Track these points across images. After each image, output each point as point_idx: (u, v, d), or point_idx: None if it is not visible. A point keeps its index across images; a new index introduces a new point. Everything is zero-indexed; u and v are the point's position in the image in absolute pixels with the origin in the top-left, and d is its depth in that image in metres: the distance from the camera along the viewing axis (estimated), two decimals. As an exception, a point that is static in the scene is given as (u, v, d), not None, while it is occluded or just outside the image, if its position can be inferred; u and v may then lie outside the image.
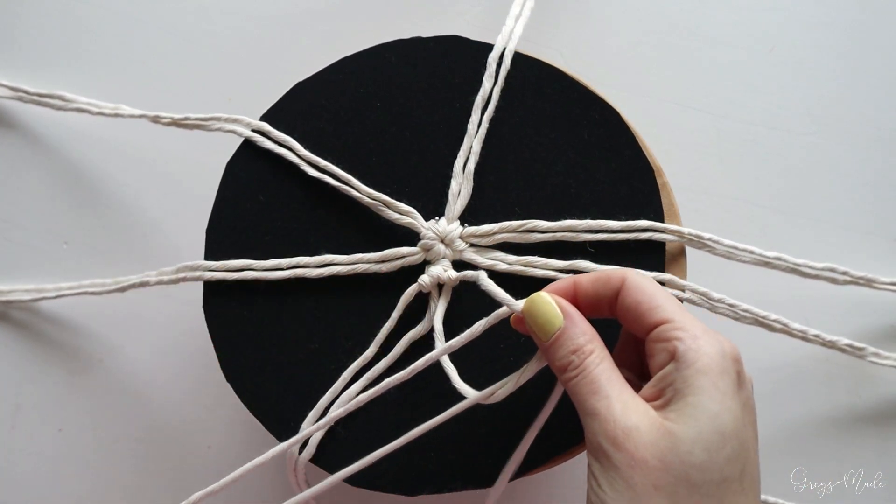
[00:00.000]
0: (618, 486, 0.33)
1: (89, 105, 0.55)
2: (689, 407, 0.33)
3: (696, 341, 0.34)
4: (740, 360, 0.35)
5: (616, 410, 0.34)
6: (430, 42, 0.48)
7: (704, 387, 0.34)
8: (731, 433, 0.33)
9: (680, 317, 0.35)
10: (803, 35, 0.59)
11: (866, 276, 0.51)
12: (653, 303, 0.36)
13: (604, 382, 0.35)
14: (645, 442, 0.33)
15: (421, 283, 0.45)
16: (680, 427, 0.33)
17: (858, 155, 0.58)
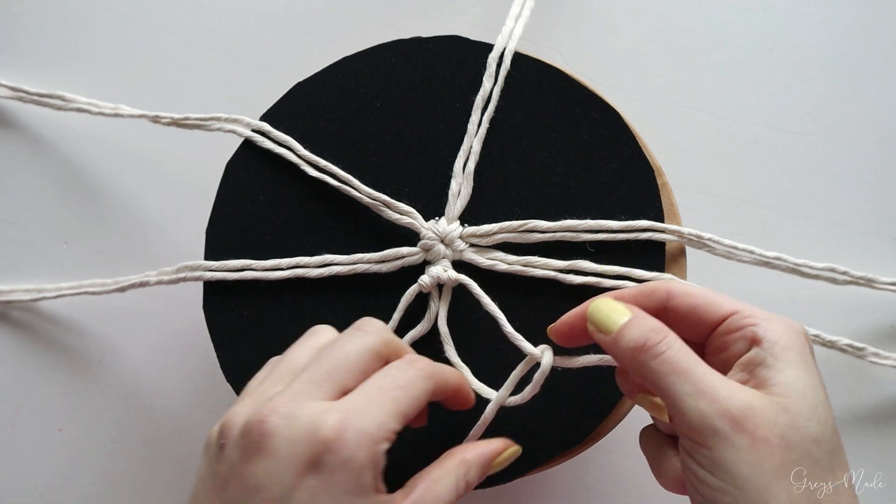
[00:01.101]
0: (742, 472, 0.32)
1: (89, 105, 0.55)
2: (790, 380, 0.33)
3: (770, 322, 0.34)
4: (808, 338, 0.35)
5: (720, 387, 0.33)
6: (430, 42, 0.48)
7: (795, 361, 0.33)
8: (827, 403, 0.33)
9: (743, 305, 0.36)
10: (803, 35, 0.59)
11: (866, 276, 0.51)
12: (710, 301, 0.36)
13: (694, 360, 0.34)
14: (765, 420, 0.32)
15: (421, 283, 0.45)
16: (791, 402, 0.32)
17: (858, 155, 0.58)
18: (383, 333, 0.37)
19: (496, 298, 0.45)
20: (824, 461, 0.32)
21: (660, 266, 0.46)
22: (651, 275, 0.45)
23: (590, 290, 0.45)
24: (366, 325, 0.38)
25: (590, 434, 0.45)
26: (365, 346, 0.36)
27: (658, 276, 0.46)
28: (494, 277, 0.46)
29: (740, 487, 0.32)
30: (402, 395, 0.35)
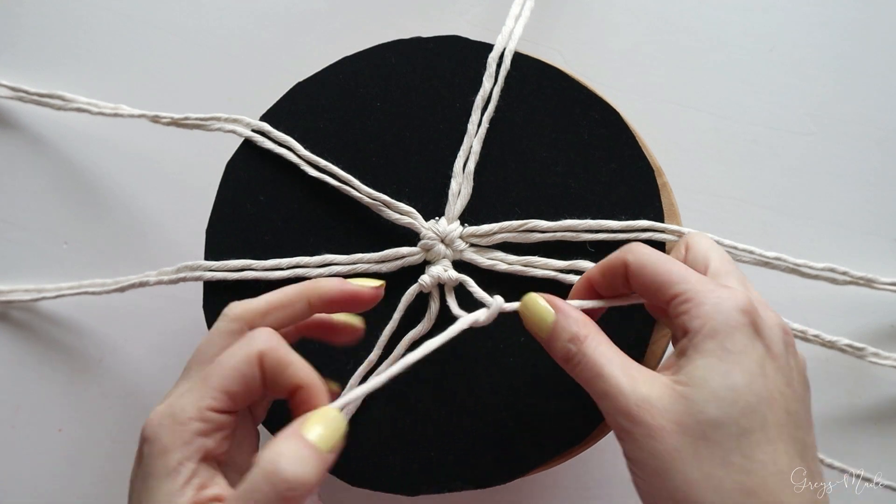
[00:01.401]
0: (644, 458, 0.35)
1: (89, 105, 0.55)
2: (698, 370, 0.34)
3: (701, 308, 0.35)
4: (753, 311, 0.35)
5: (624, 385, 0.35)
6: (430, 42, 0.48)
7: (711, 349, 0.35)
8: (744, 386, 0.34)
9: (685, 287, 0.36)
10: (803, 35, 0.59)
11: (866, 277, 0.51)
12: (657, 280, 0.37)
13: (604, 363, 0.37)
14: (659, 409, 0.34)
15: (421, 283, 0.45)
16: (690, 389, 0.34)
17: (858, 155, 0.58)
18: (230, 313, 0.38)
19: None
20: (727, 443, 0.33)
21: None
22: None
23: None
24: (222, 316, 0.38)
25: (590, 434, 0.45)
26: (214, 331, 0.38)
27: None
28: (495, 277, 0.46)
29: (646, 474, 0.35)
30: (214, 371, 0.35)
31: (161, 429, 0.34)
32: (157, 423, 0.35)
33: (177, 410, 0.35)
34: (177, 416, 0.34)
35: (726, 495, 0.33)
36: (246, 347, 0.36)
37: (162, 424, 0.34)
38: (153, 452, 0.34)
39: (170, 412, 0.35)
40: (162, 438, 0.34)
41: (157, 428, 0.34)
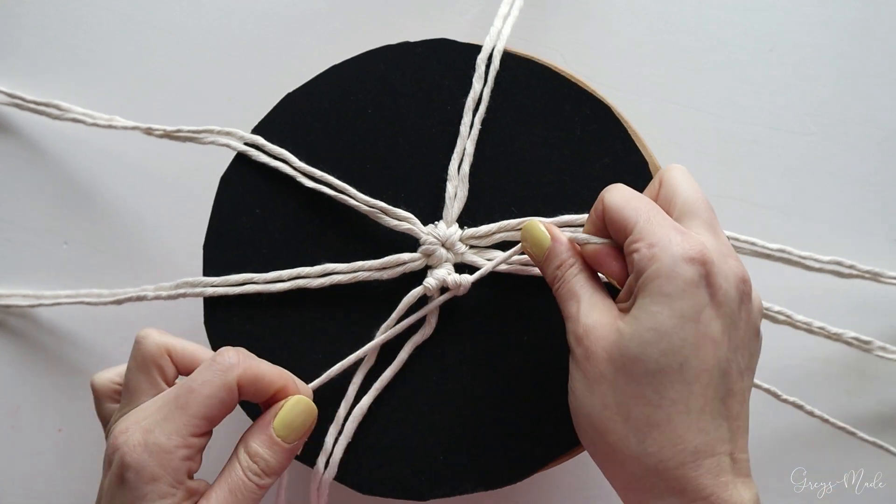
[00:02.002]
0: (578, 376, 0.39)
1: (84, 116, 0.54)
2: (635, 308, 0.37)
3: (651, 250, 0.37)
4: (701, 258, 0.36)
5: (583, 311, 0.39)
6: (419, 46, 0.48)
7: (650, 290, 0.36)
8: (670, 329, 0.36)
9: (640, 227, 0.38)
10: (803, 35, 0.59)
11: (872, 270, 0.51)
12: (619, 220, 0.39)
13: (577, 288, 0.40)
14: (598, 337, 0.38)
15: (426, 285, 0.45)
16: (624, 325, 0.37)
17: (858, 155, 0.58)
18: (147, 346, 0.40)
19: (497, 298, 0.45)
20: (643, 378, 0.36)
21: None
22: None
23: None
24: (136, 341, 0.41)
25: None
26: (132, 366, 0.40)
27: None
28: (495, 277, 0.46)
29: (575, 392, 0.39)
30: (193, 399, 0.37)
31: (148, 458, 0.36)
32: (141, 452, 0.36)
33: (160, 439, 0.36)
34: (162, 445, 0.36)
35: (632, 423, 0.37)
36: (222, 376, 0.38)
37: (149, 453, 0.36)
38: (142, 479, 0.36)
39: (153, 441, 0.36)
40: (149, 467, 0.36)
41: (144, 457, 0.36)
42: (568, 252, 0.41)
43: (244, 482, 0.38)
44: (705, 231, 0.39)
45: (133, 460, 0.36)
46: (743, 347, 0.38)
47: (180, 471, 0.37)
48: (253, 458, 0.39)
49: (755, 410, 0.56)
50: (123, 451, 0.36)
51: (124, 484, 0.36)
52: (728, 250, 0.39)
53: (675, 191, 0.41)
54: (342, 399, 0.46)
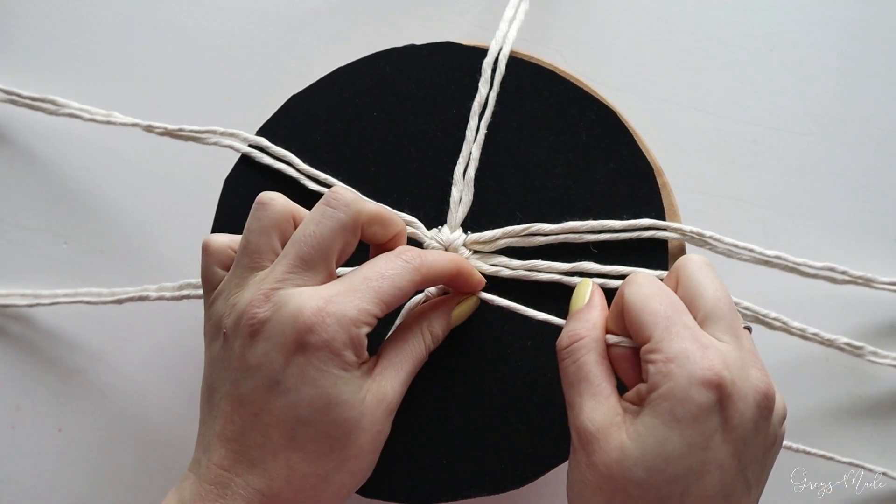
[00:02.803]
0: (574, 472, 0.38)
1: (81, 111, 0.54)
2: (643, 427, 0.35)
3: (668, 366, 0.35)
4: (720, 380, 0.35)
5: (587, 407, 0.37)
6: (424, 49, 0.48)
7: (661, 411, 0.35)
8: (678, 458, 0.35)
9: (659, 336, 0.36)
10: (803, 35, 0.59)
11: (865, 276, 0.51)
12: (640, 320, 0.37)
13: (581, 376, 0.38)
14: (600, 449, 0.36)
15: (427, 293, 0.45)
16: (630, 445, 0.35)
17: (858, 155, 0.58)
18: (353, 206, 0.39)
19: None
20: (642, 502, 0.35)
21: (663, 264, 0.46)
22: (655, 273, 0.46)
23: None
24: (334, 201, 0.39)
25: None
26: (335, 226, 0.38)
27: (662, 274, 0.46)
28: (499, 283, 0.46)
29: (572, 494, 0.38)
30: (387, 284, 0.38)
31: (339, 331, 0.36)
32: (329, 322, 0.36)
33: (348, 312, 0.37)
34: (349, 319, 0.37)
35: None
36: (413, 273, 0.39)
37: (339, 327, 0.36)
38: (331, 349, 0.36)
39: (339, 312, 0.36)
40: (338, 339, 0.36)
41: (332, 329, 0.36)
42: (589, 324, 0.40)
43: (423, 357, 0.42)
44: (729, 337, 0.37)
45: (322, 325, 0.36)
46: (754, 463, 0.37)
47: (362, 346, 0.38)
48: (434, 338, 0.43)
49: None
50: (308, 315, 0.36)
51: (306, 350, 0.36)
52: (751, 359, 0.37)
53: (700, 291, 0.39)
54: None
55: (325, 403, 0.37)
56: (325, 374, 0.36)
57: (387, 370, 0.40)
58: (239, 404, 0.37)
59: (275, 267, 0.38)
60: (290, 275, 0.38)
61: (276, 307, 0.37)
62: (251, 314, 0.37)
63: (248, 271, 0.39)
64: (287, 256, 0.38)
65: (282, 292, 0.37)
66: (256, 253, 0.39)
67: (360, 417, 0.38)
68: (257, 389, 0.37)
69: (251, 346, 0.37)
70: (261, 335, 0.37)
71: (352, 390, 0.37)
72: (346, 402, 0.37)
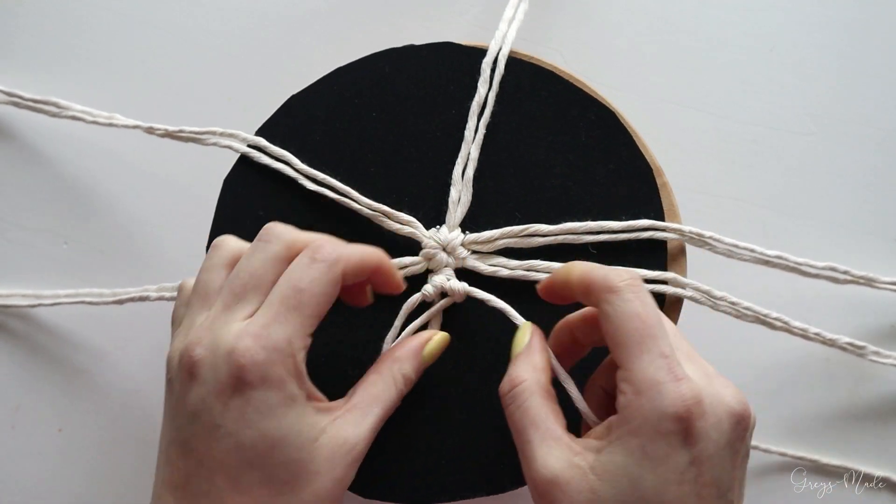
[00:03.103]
0: None
1: (84, 113, 0.54)
2: (614, 465, 0.34)
3: (639, 399, 0.34)
4: (690, 414, 0.34)
5: (539, 455, 0.36)
6: (423, 49, 0.48)
7: (632, 447, 0.34)
8: (652, 495, 0.33)
9: (635, 365, 0.35)
10: (803, 35, 0.59)
11: (867, 276, 0.51)
12: (617, 339, 0.36)
13: (527, 423, 0.37)
14: (564, 495, 0.35)
15: (424, 292, 0.45)
16: (602, 486, 0.34)
17: (858, 155, 0.58)
18: (284, 236, 0.38)
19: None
20: None
21: (662, 265, 0.46)
22: (654, 274, 0.46)
23: None
24: (266, 234, 0.38)
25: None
26: (268, 256, 0.38)
27: (661, 275, 0.46)
28: (497, 284, 0.46)
29: None
30: (306, 298, 0.36)
31: (272, 363, 0.35)
32: (263, 357, 0.35)
33: (278, 342, 0.35)
34: (282, 349, 0.35)
35: None
36: (330, 272, 0.37)
37: (273, 360, 0.35)
38: (268, 383, 0.35)
39: (270, 344, 0.35)
40: (274, 371, 0.35)
41: (266, 363, 0.35)
42: (528, 367, 0.39)
43: (395, 402, 0.40)
44: (691, 365, 0.36)
45: (254, 362, 0.35)
46: (734, 484, 0.35)
47: (303, 373, 0.37)
48: (406, 381, 0.41)
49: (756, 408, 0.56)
50: (239, 354, 0.35)
51: (243, 390, 0.35)
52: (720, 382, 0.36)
53: None
54: None
55: (269, 445, 0.35)
56: (266, 414, 0.35)
57: (351, 413, 0.38)
58: (183, 451, 0.36)
59: (213, 305, 0.38)
60: (224, 312, 0.37)
61: (209, 348, 0.36)
62: (187, 356, 0.36)
63: (197, 312, 0.38)
64: (222, 293, 0.38)
65: (215, 331, 0.36)
66: (204, 291, 0.39)
67: (309, 460, 0.36)
68: (198, 435, 0.35)
69: (189, 389, 0.36)
70: (197, 379, 0.36)
71: (298, 429, 0.36)
72: (292, 443, 0.35)
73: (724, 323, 0.49)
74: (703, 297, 0.47)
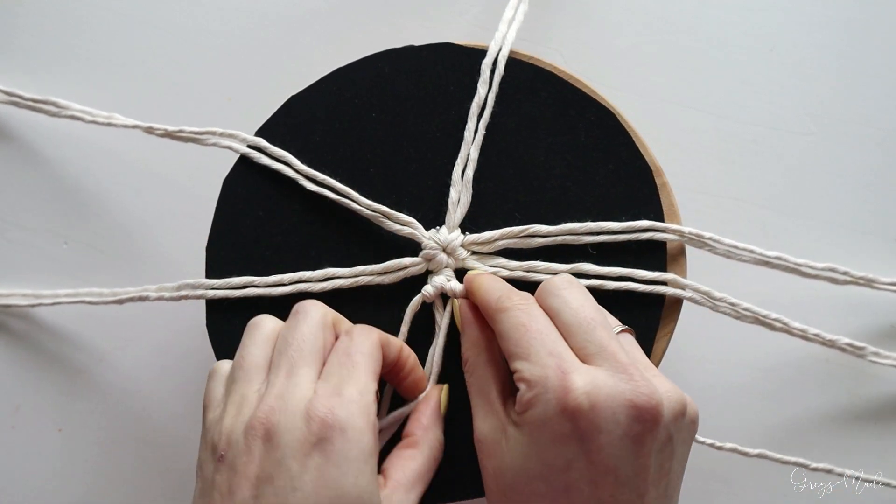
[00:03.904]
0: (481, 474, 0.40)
1: (83, 113, 0.54)
2: (514, 441, 0.38)
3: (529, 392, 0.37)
4: (576, 413, 0.35)
5: (477, 418, 0.41)
6: (423, 50, 0.48)
7: (525, 432, 0.37)
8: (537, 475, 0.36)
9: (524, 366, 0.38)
10: (803, 35, 0.59)
11: (866, 276, 0.51)
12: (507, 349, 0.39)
13: (473, 392, 0.42)
14: (485, 456, 0.40)
15: (424, 293, 0.45)
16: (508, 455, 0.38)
17: (858, 155, 0.58)
18: (317, 306, 0.41)
19: None
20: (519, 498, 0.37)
21: (661, 266, 0.46)
22: (653, 275, 0.46)
23: (593, 292, 0.45)
24: (302, 308, 0.41)
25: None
26: (313, 324, 0.40)
27: (660, 276, 0.46)
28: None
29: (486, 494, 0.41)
30: (368, 359, 0.39)
31: (352, 415, 0.36)
32: (343, 411, 0.36)
33: (353, 396, 0.37)
34: (357, 401, 0.37)
35: None
36: (371, 336, 0.40)
37: (352, 411, 0.36)
38: (352, 437, 0.36)
39: (346, 399, 0.37)
40: (355, 422, 0.36)
41: (347, 415, 0.36)
42: (468, 343, 0.43)
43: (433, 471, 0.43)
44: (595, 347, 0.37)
45: (335, 416, 0.36)
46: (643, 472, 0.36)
47: (376, 426, 0.38)
48: (440, 447, 0.43)
49: (755, 409, 0.56)
50: (318, 411, 0.36)
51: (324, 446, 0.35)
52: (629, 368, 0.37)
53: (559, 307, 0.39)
54: None
55: None
56: (346, 470, 0.35)
57: (397, 494, 0.40)
58: None
59: (263, 378, 0.39)
60: (289, 379, 0.38)
61: (284, 412, 0.36)
62: (263, 424, 0.36)
63: (246, 386, 0.39)
64: (280, 364, 0.39)
65: (287, 397, 0.37)
66: (250, 367, 0.39)
67: None
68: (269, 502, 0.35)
69: (262, 458, 0.36)
70: (274, 444, 0.36)
71: (372, 490, 0.36)
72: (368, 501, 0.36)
73: (724, 324, 0.49)
74: (702, 297, 0.47)
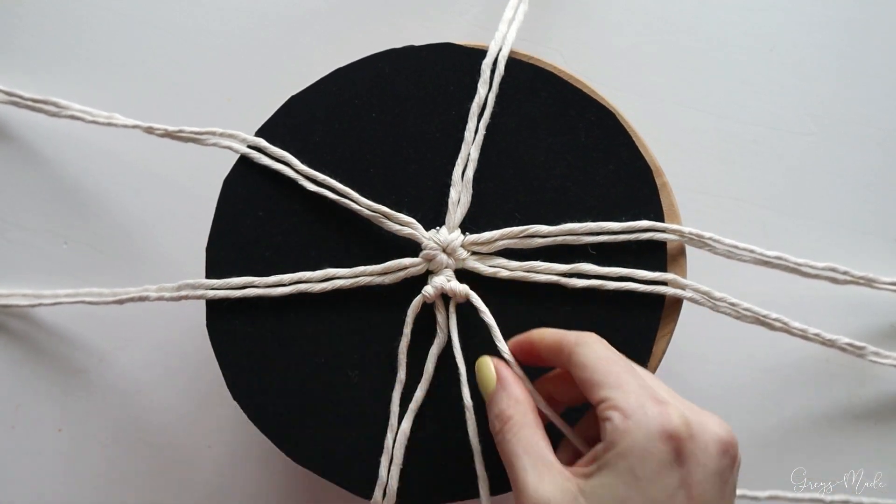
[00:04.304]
0: None
1: (83, 113, 0.54)
2: (601, 488, 0.35)
3: (626, 422, 0.35)
4: (678, 435, 0.35)
5: (529, 482, 0.36)
6: (423, 50, 0.48)
7: (620, 470, 0.35)
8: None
9: (617, 394, 0.36)
10: (803, 35, 0.59)
11: (867, 276, 0.51)
12: (594, 380, 0.37)
13: (519, 453, 0.38)
14: None
15: (425, 294, 0.44)
16: (587, 501, 0.35)
17: (858, 155, 0.58)
18: None
19: (500, 305, 0.45)
20: None
21: (661, 266, 0.46)
22: (653, 275, 0.46)
23: (593, 292, 0.45)
24: None
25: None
26: None
27: (660, 276, 0.46)
28: (497, 284, 0.46)
29: None
30: None
31: None
32: None
33: None
34: None
35: None
36: None
37: None
38: None
39: None
40: None
41: None
42: (510, 402, 0.40)
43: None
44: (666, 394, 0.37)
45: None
46: None
47: None
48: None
49: (755, 409, 0.56)
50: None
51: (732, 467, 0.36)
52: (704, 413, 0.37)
53: None
54: (385, 426, 0.46)
55: None
56: None
57: None
58: None
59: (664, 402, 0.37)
60: None
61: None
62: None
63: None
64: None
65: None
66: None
67: None
68: None
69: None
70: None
71: None
72: None
73: (724, 324, 0.49)
74: (702, 297, 0.47)
